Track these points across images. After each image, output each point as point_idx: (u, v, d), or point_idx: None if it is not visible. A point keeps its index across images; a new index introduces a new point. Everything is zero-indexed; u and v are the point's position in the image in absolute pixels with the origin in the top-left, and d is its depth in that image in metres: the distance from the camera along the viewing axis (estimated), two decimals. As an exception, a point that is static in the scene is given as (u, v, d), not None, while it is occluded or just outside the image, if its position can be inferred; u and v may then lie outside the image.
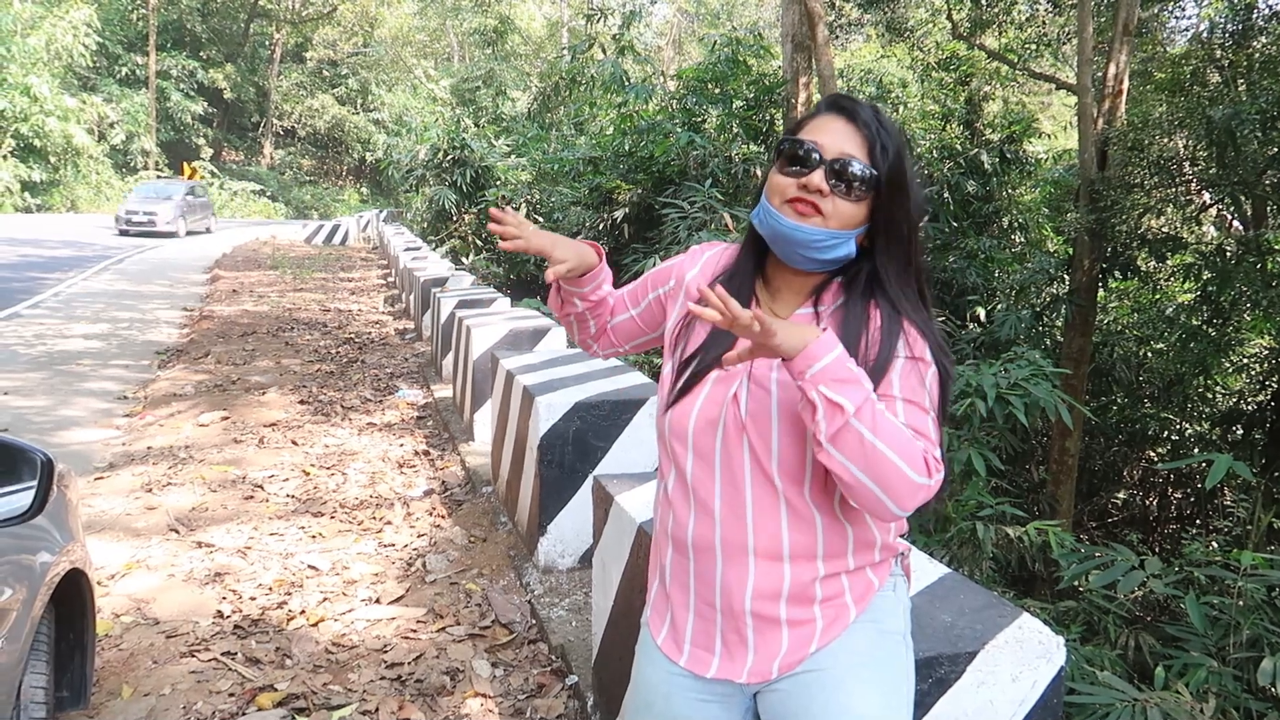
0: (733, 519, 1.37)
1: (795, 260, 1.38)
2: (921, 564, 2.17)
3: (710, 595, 1.40)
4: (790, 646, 1.37)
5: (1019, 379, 4.41)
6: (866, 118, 1.35)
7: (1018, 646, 1.86)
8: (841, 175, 1.32)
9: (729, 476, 1.37)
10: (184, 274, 15.99)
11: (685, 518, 1.42)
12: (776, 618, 1.37)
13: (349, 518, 4.70)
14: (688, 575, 1.43)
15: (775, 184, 1.37)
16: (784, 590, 1.36)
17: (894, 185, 1.35)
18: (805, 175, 1.33)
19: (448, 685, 3.10)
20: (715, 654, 1.41)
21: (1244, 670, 3.04)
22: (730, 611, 1.39)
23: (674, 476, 1.45)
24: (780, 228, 1.35)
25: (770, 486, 1.35)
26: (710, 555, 1.39)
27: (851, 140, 1.34)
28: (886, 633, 1.41)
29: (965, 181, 10.10)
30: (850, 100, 1.39)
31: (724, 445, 1.37)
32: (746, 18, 33.72)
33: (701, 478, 1.40)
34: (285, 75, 44.50)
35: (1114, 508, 11.30)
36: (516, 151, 16.31)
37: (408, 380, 8.00)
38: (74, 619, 2.45)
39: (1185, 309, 10.64)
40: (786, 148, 1.36)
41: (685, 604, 1.44)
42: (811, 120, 1.39)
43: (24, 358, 8.38)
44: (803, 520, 1.35)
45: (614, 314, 1.63)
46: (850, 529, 1.38)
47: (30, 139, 29.14)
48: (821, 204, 1.32)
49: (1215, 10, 11.92)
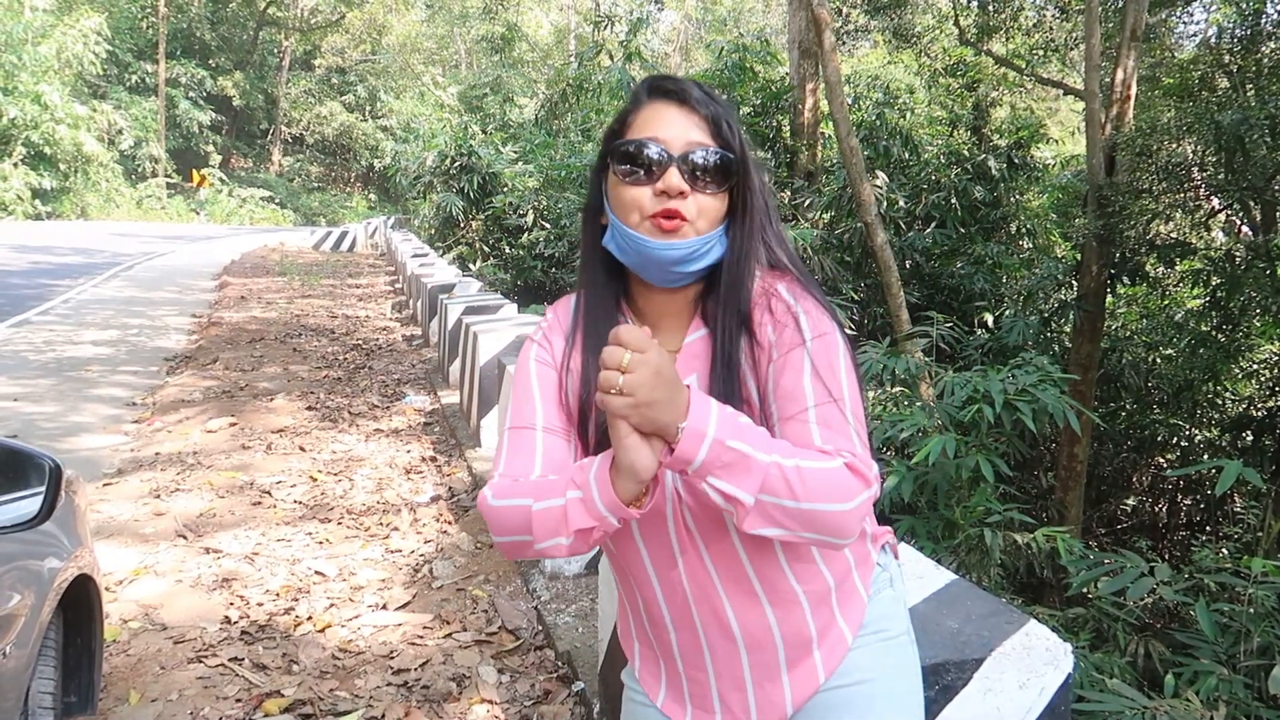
0: (701, 590, 1.22)
1: (670, 280, 1.19)
2: (928, 570, 2.16)
3: (699, 660, 1.27)
4: (795, 691, 1.27)
5: (1027, 385, 4.39)
6: (698, 95, 1.18)
7: (1025, 653, 1.85)
8: (696, 167, 1.15)
9: (683, 542, 1.22)
10: (193, 280, 16.04)
11: (651, 594, 1.26)
12: (777, 667, 1.26)
13: (356, 524, 4.70)
14: (670, 645, 1.29)
15: (624, 199, 1.16)
16: (777, 639, 1.24)
17: (745, 162, 1.19)
18: (656, 179, 1.14)
19: (454, 691, 3.10)
20: (716, 713, 1.29)
21: (1255, 678, 3.02)
22: (728, 675, 1.27)
23: (621, 550, 1.27)
24: (647, 250, 1.15)
25: (728, 543, 1.21)
26: (691, 630, 1.26)
27: (692, 124, 1.17)
28: (889, 640, 1.32)
29: (973, 187, 10.08)
30: (673, 79, 1.21)
31: (672, 511, 1.22)
32: (753, 24, 33.76)
33: (655, 549, 1.23)
34: (294, 83, 44.70)
35: (1123, 514, 11.24)
36: (524, 158, 16.34)
37: (415, 386, 8.01)
38: (82, 624, 2.46)
39: (1194, 315, 10.58)
40: (622, 151, 1.17)
41: (676, 669, 1.31)
42: (637, 114, 1.20)
43: (34, 364, 8.42)
44: (772, 566, 1.22)
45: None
46: (818, 553, 1.28)
47: (41, 146, 29.30)
48: (684, 208, 1.14)
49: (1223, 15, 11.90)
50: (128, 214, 33.36)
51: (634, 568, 1.27)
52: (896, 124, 11.13)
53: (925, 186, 10.46)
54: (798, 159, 11.91)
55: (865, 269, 9.98)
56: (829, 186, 10.99)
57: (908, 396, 5.66)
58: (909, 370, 5.27)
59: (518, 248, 14.40)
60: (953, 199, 10.02)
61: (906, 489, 4.28)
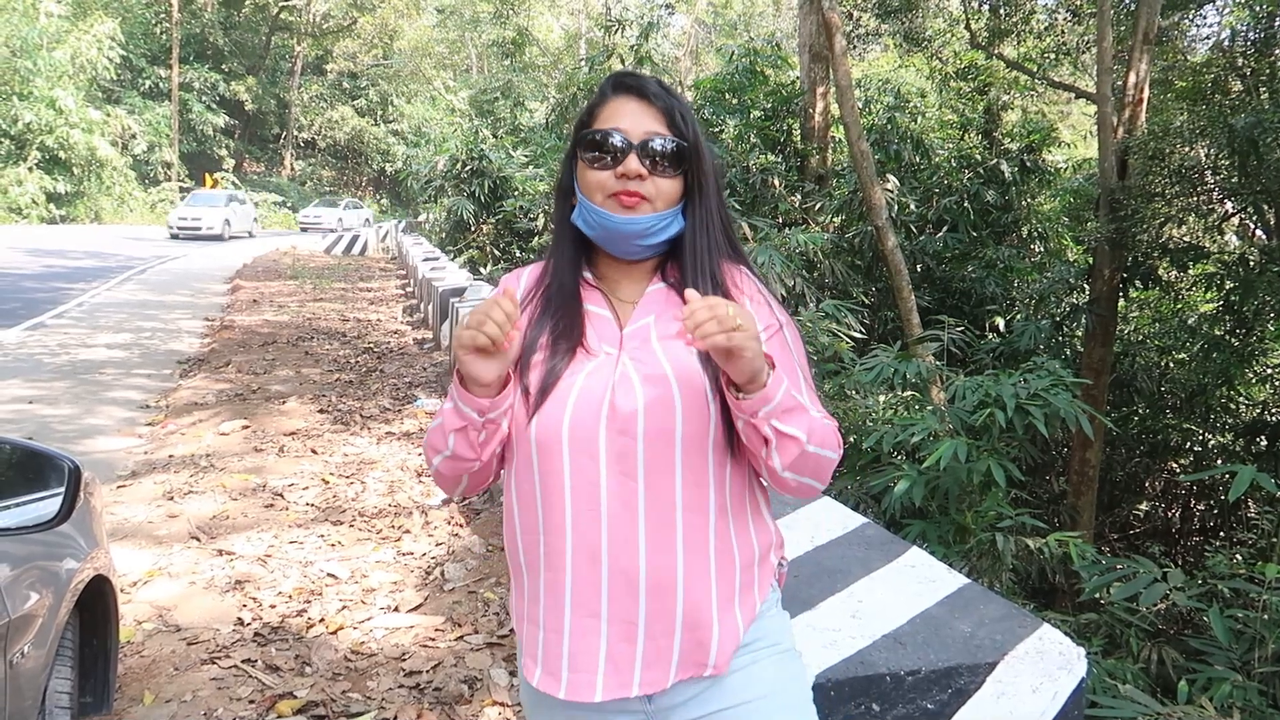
0: (620, 531, 1.26)
1: (631, 252, 1.35)
2: (941, 574, 2.16)
3: (595, 605, 1.27)
4: (683, 658, 1.28)
5: (1039, 389, 4.38)
6: (655, 90, 1.34)
7: (1038, 657, 1.84)
8: (653, 153, 1.30)
9: (613, 483, 1.27)
10: (205, 284, 16.13)
11: (560, 536, 1.28)
12: (672, 620, 1.27)
13: (368, 526, 4.72)
14: (564, 593, 1.29)
15: (590, 181, 1.33)
16: (679, 589, 1.27)
17: (697, 148, 1.34)
18: (619, 164, 1.30)
19: (466, 694, 3.11)
20: (599, 672, 1.28)
21: (1269, 684, 3.00)
22: (621, 621, 1.27)
23: (543, 488, 1.30)
24: (610, 224, 1.31)
25: (669, 488, 1.27)
26: (595, 570, 1.27)
27: (650, 116, 1.32)
28: (785, 653, 1.36)
29: (984, 191, 10.06)
30: (634, 76, 1.36)
31: (610, 439, 1.27)
32: (764, 28, 33.76)
33: (579, 486, 1.27)
34: (306, 87, 44.93)
35: (1136, 520, 11.18)
36: (534, 162, 16.36)
37: (426, 390, 8.03)
38: (98, 625, 2.48)
39: (1207, 319, 10.54)
40: (588, 139, 1.33)
41: (559, 626, 1.29)
42: (602, 107, 1.35)
43: (49, 367, 8.48)
44: (700, 521, 1.29)
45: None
46: (755, 533, 1.35)
47: (55, 151, 29.51)
48: (643, 189, 1.30)
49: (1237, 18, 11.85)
50: (141, 218, 33.57)
51: (551, 504, 1.29)
52: (907, 128, 11.11)
53: (936, 190, 10.43)
54: (808, 163, 11.90)
55: (876, 273, 9.97)
56: (839, 190, 10.99)
57: (919, 400, 5.65)
58: (920, 374, 5.27)
59: (528, 251, 14.43)
60: (964, 203, 10.00)
61: (918, 493, 4.27)
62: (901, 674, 1.82)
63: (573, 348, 1.31)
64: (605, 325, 1.35)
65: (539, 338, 1.34)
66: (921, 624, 2.00)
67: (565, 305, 1.36)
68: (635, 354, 1.31)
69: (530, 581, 1.34)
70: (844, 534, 2.62)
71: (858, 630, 1.99)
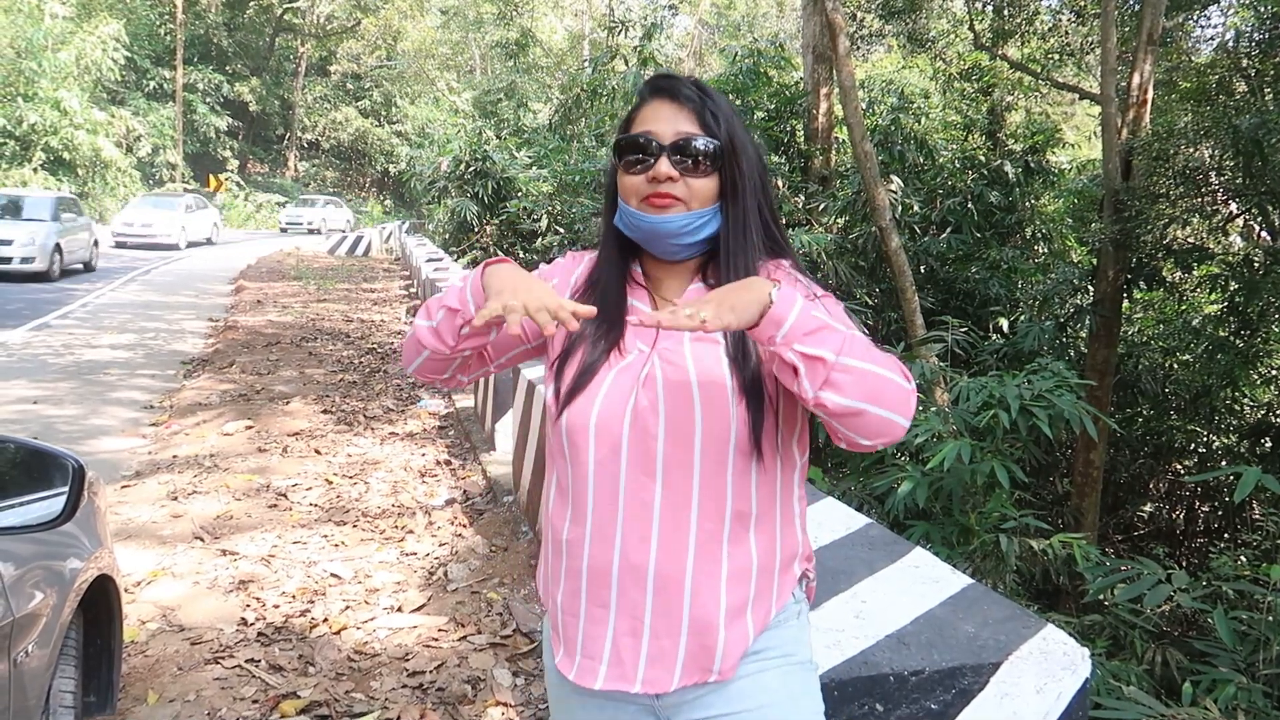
0: (635, 525, 1.29)
1: (670, 252, 1.36)
2: (944, 574, 2.16)
3: (605, 596, 1.30)
4: (688, 659, 1.28)
5: (1043, 390, 4.37)
6: (689, 92, 1.35)
7: (1042, 658, 1.84)
8: (685, 154, 1.31)
9: (632, 481, 1.29)
10: (209, 285, 16.16)
11: (581, 528, 1.32)
12: (679, 619, 1.27)
13: (371, 526, 4.73)
14: (580, 576, 1.33)
15: (627, 185, 1.35)
16: (687, 587, 1.28)
17: (734, 147, 1.34)
18: (651, 168, 1.32)
19: (469, 694, 3.11)
20: (604, 661, 1.30)
21: (1274, 686, 3.00)
22: (628, 616, 1.29)
23: (573, 477, 1.34)
24: (646, 225, 1.33)
25: (686, 488, 1.28)
26: (606, 560, 1.30)
27: (682, 118, 1.33)
28: (796, 664, 1.35)
29: (988, 192, 10.03)
30: (668, 79, 1.38)
31: (633, 436, 1.29)
32: (767, 29, 33.76)
33: (603, 476, 1.30)
34: (309, 89, 44.98)
35: (1140, 521, 11.15)
36: (538, 163, 16.37)
37: (429, 390, 8.04)
38: (101, 625, 2.48)
39: (1212, 320, 10.50)
40: (623, 144, 1.35)
41: (575, 610, 1.33)
42: (638, 112, 1.37)
43: (53, 367, 8.50)
44: (714, 524, 1.29)
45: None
46: (779, 541, 1.33)
47: (60, 152, 29.55)
48: (675, 190, 1.31)
49: (1241, 19, 11.83)
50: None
51: (578, 494, 1.33)
52: (911, 129, 11.08)
53: (940, 191, 10.41)
54: (812, 163, 11.88)
55: (879, 274, 9.95)
56: (843, 191, 10.97)
57: (922, 402, 5.64)
58: (924, 375, 5.26)
59: (531, 252, 14.43)
60: (968, 203, 9.97)
61: (921, 494, 4.26)
62: (905, 674, 1.82)
63: (610, 346, 1.34)
64: None
65: (583, 330, 1.36)
66: (925, 624, 2.00)
67: (607, 305, 1.38)
68: (665, 354, 1.32)
69: (554, 563, 1.38)
70: (847, 534, 2.62)
71: (861, 630, 1.98)
